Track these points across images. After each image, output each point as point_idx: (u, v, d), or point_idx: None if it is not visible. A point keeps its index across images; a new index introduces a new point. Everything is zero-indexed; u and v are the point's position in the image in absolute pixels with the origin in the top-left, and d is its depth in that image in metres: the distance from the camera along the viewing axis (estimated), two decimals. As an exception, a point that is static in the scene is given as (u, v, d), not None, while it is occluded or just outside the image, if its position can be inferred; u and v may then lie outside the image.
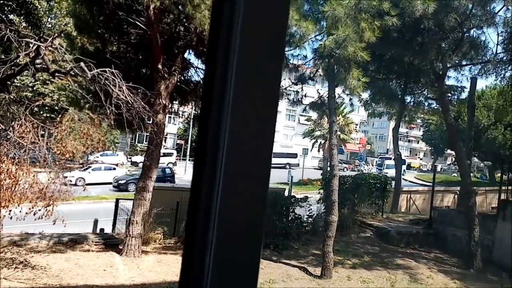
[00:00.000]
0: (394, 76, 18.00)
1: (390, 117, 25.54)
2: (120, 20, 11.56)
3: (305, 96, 15.72)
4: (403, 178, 24.61)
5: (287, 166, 35.74)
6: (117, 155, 32.86)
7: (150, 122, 11.26)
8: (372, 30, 11.09)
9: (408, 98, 20.44)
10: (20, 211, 8.80)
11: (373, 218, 17.70)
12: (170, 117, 35.86)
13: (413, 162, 55.97)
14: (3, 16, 9.09)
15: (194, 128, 39.07)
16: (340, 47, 10.55)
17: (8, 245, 10.98)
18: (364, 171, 29.38)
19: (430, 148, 53.74)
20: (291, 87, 15.22)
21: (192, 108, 24.02)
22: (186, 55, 13.16)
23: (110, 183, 25.25)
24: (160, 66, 11.28)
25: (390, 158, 40.97)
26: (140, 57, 12.89)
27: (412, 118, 25.18)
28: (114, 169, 27.22)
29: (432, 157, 55.97)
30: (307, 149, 39.13)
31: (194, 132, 40.67)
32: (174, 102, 14.66)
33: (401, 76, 18.01)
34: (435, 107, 20.90)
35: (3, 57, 11.14)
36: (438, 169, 37.43)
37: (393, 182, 21.00)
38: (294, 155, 41.13)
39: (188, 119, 36.08)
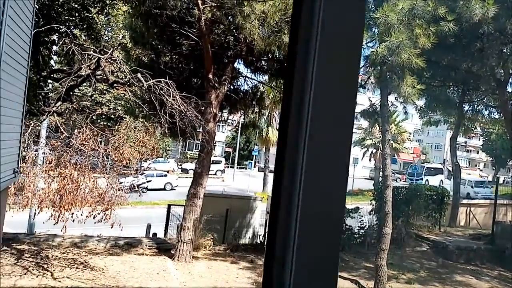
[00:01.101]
0: (451, 83, 17.18)
1: (449, 126, 24.29)
2: (173, 32, 11.99)
3: (356, 104, 15.40)
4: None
5: (337, 176, 34.90)
6: (168, 162, 33.87)
7: (202, 130, 11.52)
8: (427, 36, 10.70)
9: (466, 106, 19.40)
10: (81, 214, 9.32)
11: (429, 231, 16.87)
12: (219, 125, 36.57)
13: (472, 173, 52.75)
14: (68, 31, 9.76)
15: (242, 136, 39.53)
16: (393, 54, 10.25)
17: (70, 246, 11.65)
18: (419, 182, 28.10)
19: (491, 159, 50.42)
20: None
21: (240, 116, 24.32)
22: (235, 64, 13.39)
23: (162, 189, 26.21)
24: (211, 76, 11.54)
25: (423, 167, 37.90)
26: (192, 67, 13.28)
27: (469, 127, 23.83)
28: (166, 175, 28.11)
29: (494, 168, 52.45)
30: (358, 158, 38.17)
31: (242, 140, 41.16)
32: (223, 110, 14.93)
33: (459, 83, 17.15)
34: (496, 116, 19.67)
35: (65, 69, 11.98)
36: (501, 181, 34.84)
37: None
38: (344, 164, 40.09)
39: (236, 127, 36.55)
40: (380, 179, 14.42)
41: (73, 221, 9.70)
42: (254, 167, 40.16)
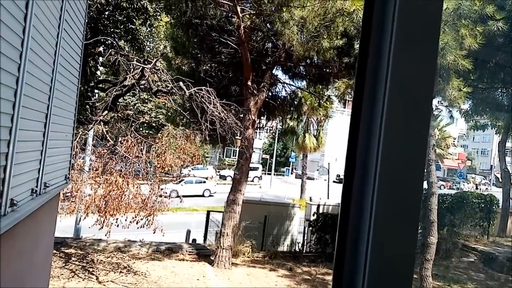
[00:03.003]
0: (500, 84, 16.34)
1: (497, 131, 23.13)
2: (213, 41, 12.18)
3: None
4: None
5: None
6: (207, 169, 34.39)
7: (241, 137, 11.59)
8: (474, 36, 10.27)
9: (517, 109, 18.38)
10: (125, 220, 9.58)
11: (477, 241, 16.04)
12: (256, 132, 36.69)
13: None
14: (114, 43, 10.15)
15: (279, 143, 39.45)
16: (439, 55, 9.89)
17: (114, 251, 12.01)
18: (465, 189, 26.89)
19: (543, 165, 47.42)
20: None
21: (277, 123, 24.27)
22: (273, 71, 13.40)
23: (201, 196, 26.79)
24: (249, 83, 11.62)
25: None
26: (231, 75, 13.42)
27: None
28: (204, 182, 28.57)
29: (546, 175, 49.22)
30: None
31: (279, 146, 41.08)
32: (261, 117, 14.97)
33: (508, 85, 16.28)
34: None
35: (111, 79, 12.45)
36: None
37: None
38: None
39: (274, 134, 36.56)
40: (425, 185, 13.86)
41: (117, 226, 10.01)
42: (291, 173, 39.94)
